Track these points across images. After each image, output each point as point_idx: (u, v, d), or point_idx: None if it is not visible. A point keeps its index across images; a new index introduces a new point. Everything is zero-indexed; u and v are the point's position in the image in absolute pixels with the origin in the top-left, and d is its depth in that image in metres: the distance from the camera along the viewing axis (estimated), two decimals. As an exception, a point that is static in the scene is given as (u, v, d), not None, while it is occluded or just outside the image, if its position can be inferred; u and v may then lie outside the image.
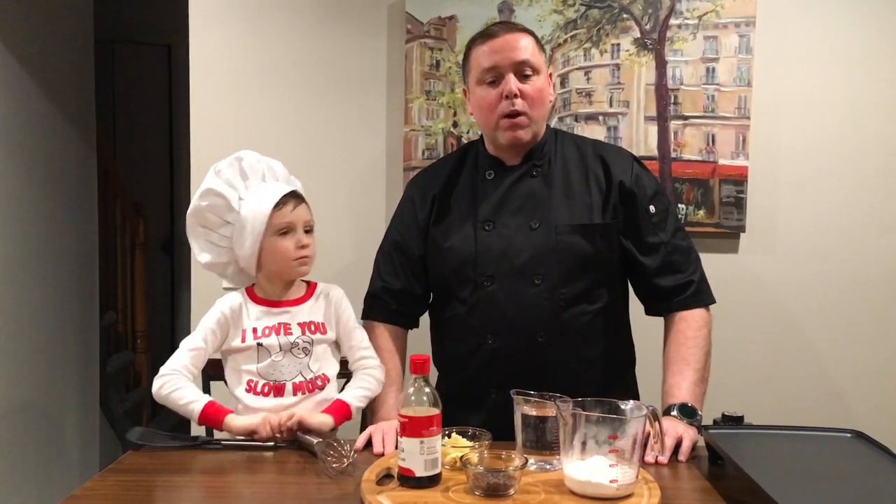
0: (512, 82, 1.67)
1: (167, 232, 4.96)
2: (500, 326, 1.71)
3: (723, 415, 1.59)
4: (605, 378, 1.42)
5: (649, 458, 1.47)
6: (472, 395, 1.75)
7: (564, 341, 1.70)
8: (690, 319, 1.74)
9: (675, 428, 1.55)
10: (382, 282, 1.85)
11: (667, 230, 1.76)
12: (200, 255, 1.74)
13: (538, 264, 1.70)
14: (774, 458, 1.41)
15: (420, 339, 1.91)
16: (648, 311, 1.81)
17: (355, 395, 1.69)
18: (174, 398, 1.62)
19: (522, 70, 1.69)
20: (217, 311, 1.70)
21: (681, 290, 1.74)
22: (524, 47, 1.69)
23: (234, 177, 1.70)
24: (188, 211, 1.72)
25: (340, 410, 1.65)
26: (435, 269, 1.81)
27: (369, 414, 1.79)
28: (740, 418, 1.58)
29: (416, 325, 1.90)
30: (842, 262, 2.36)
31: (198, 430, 2.10)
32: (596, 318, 1.73)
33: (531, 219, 1.72)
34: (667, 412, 1.63)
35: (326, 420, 1.62)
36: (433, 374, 1.85)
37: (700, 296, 1.76)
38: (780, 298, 2.37)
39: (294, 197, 1.70)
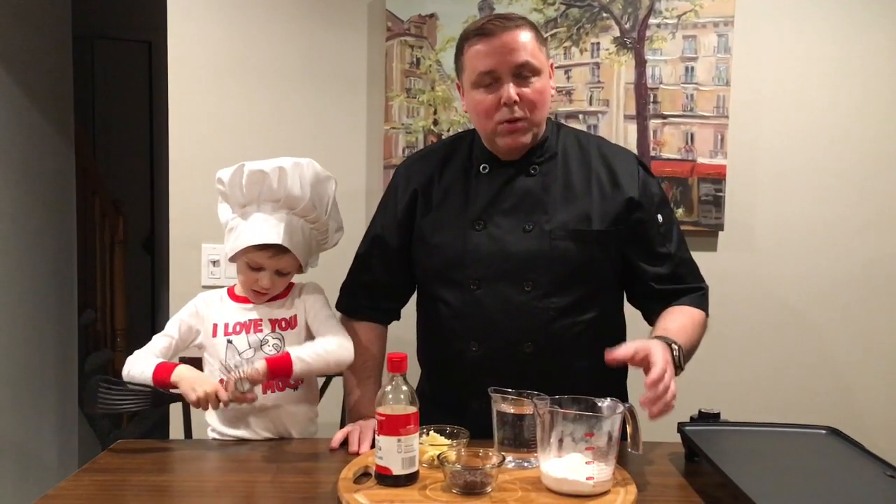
0: (511, 90, 1.56)
1: (147, 229, 4.93)
2: (485, 333, 1.64)
3: (699, 412, 1.60)
4: (596, 391, 1.38)
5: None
6: (453, 402, 1.69)
7: (553, 352, 1.63)
8: (689, 308, 1.67)
9: (648, 344, 1.43)
10: (359, 275, 1.80)
11: (673, 241, 1.69)
12: (219, 207, 1.73)
13: (529, 269, 1.62)
14: (750, 454, 1.42)
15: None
16: (648, 318, 1.73)
17: (300, 350, 1.61)
18: (134, 374, 1.61)
19: (522, 73, 1.57)
20: (192, 305, 1.71)
21: (685, 293, 1.69)
22: (523, 47, 1.56)
23: (248, 187, 1.64)
24: None
25: (278, 360, 1.57)
26: (421, 264, 1.74)
27: (346, 406, 1.77)
28: (717, 415, 1.59)
29: (397, 318, 1.86)
30: (820, 259, 2.38)
31: (178, 430, 2.09)
32: (588, 328, 1.65)
33: (525, 220, 1.64)
34: None
35: (260, 365, 1.55)
36: (418, 371, 1.83)
37: (704, 300, 1.71)
38: (758, 296, 2.39)
39: (276, 247, 1.63)
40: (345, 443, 1.58)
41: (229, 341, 1.65)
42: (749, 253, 2.38)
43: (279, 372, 1.57)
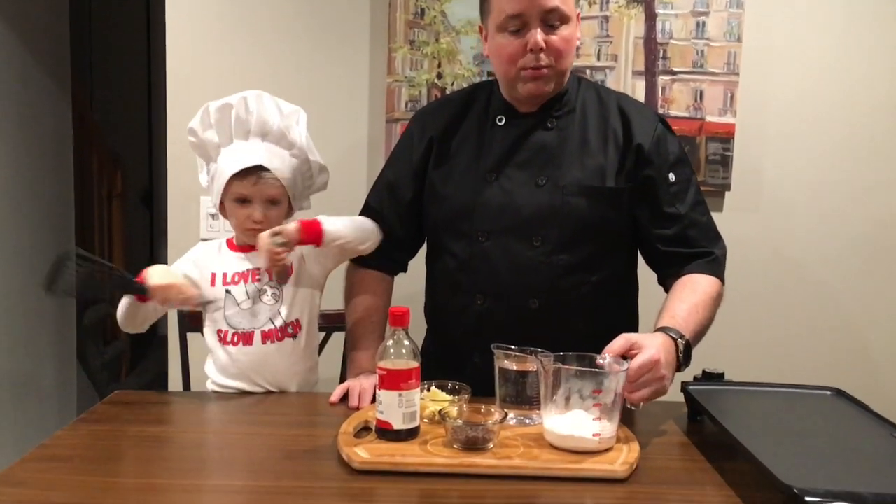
0: (539, 36, 1.51)
1: (146, 183, 4.88)
2: (491, 287, 1.62)
3: (703, 371, 1.58)
4: (602, 349, 1.36)
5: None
6: (456, 357, 1.67)
7: (559, 311, 1.60)
8: (702, 279, 1.59)
9: (644, 341, 1.37)
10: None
11: (686, 202, 1.62)
12: (200, 174, 1.73)
13: (539, 224, 1.59)
14: (754, 414, 1.41)
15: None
16: (661, 282, 1.69)
17: (333, 219, 1.63)
18: (121, 308, 1.59)
19: (550, 19, 1.52)
20: (190, 255, 1.70)
21: (696, 257, 1.62)
22: None
23: (218, 124, 1.64)
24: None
25: (310, 221, 1.59)
26: (430, 215, 1.71)
27: (348, 359, 1.75)
28: (720, 375, 1.57)
29: (404, 270, 1.83)
30: (829, 219, 2.35)
31: (177, 383, 2.08)
32: (597, 289, 1.62)
33: (538, 174, 1.60)
34: None
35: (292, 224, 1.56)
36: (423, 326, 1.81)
37: (716, 266, 1.63)
38: (765, 257, 2.36)
39: (262, 170, 1.60)
40: (345, 397, 1.56)
41: (228, 291, 1.63)
42: (756, 213, 2.35)
43: (310, 231, 1.57)
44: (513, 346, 1.43)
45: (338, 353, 1.90)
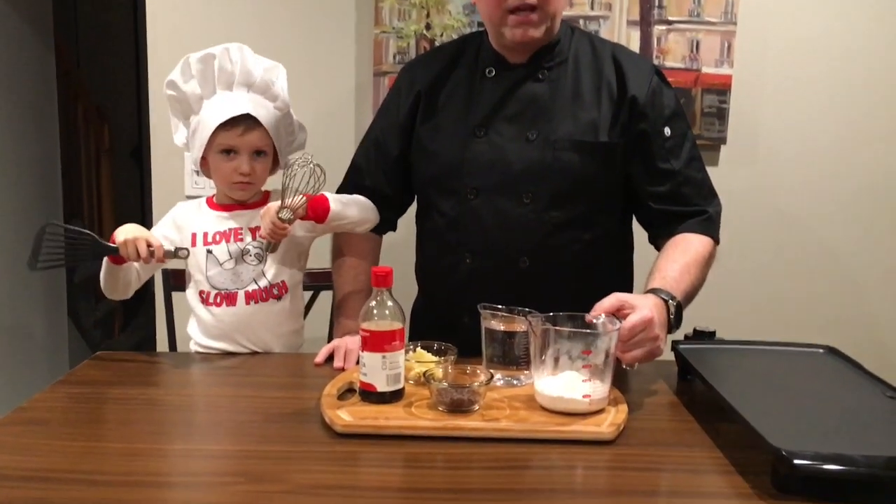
0: None
1: (135, 138, 4.81)
2: (480, 245, 1.58)
3: (694, 330, 1.55)
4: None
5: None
6: (446, 317, 1.64)
7: (550, 270, 1.56)
8: (695, 239, 1.55)
9: (635, 301, 1.33)
10: (356, 180, 1.72)
11: (680, 158, 1.57)
12: (176, 134, 1.68)
13: (529, 181, 1.54)
14: (745, 373, 1.39)
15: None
16: (653, 242, 1.66)
17: (340, 198, 1.60)
18: (102, 273, 1.58)
19: None
20: (169, 216, 1.66)
21: (690, 216, 1.58)
22: None
23: (200, 75, 1.59)
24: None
25: (318, 201, 1.52)
26: (419, 172, 1.67)
27: (334, 319, 1.73)
28: (712, 333, 1.55)
29: (393, 229, 1.79)
30: (827, 173, 2.31)
31: (163, 342, 2.06)
32: (589, 248, 1.58)
33: (528, 129, 1.55)
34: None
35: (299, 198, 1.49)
36: (413, 286, 1.78)
37: (710, 226, 1.58)
38: (761, 213, 2.32)
39: (248, 119, 1.56)
40: (330, 358, 1.54)
41: (209, 251, 1.59)
42: (752, 167, 2.31)
43: (318, 209, 1.53)
44: (500, 306, 1.40)
45: (325, 313, 1.87)
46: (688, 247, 1.54)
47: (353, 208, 1.61)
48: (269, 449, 1.15)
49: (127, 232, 1.49)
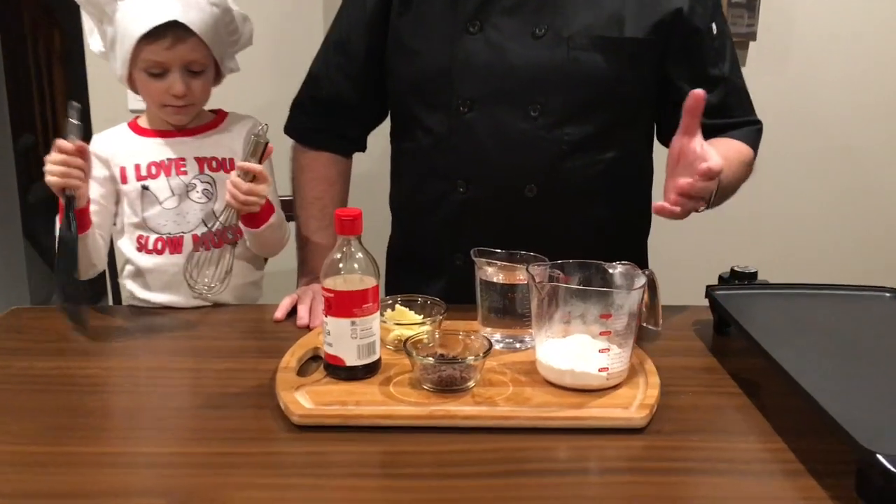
0: None
1: (91, 42, 4.41)
2: (476, 171, 1.32)
3: (731, 270, 1.30)
4: (611, 250, 1.08)
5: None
6: (431, 259, 1.40)
7: (563, 199, 1.31)
8: (737, 142, 1.33)
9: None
10: (316, 89, 1.43)
11: (727, 60, 1.31)
12: (91, 38, 1.36)
13: (538, 89, 1.27)
14: (795, 324, 1.14)
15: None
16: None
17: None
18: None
19: None
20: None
21: (731, 127, 1.34)
22: None
23: None
24: None
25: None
26: (396, 76, 1.37)
27: (298, 261, 1.46)
28: (753, 275, 1.29)
29: (362, 149, 1.50)
30: (870, 76, 2.03)
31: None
32: (609, 170, 1.31)
33: (535, 23, 1.26)
34: None
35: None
36: (386, 219, 1.50)
37: (756, 138, 1.36)
38: (794, 120, 2.03)
39: (177, 28, 1.24)
40: (293, 312, 1.28)
41: (144, 187, 1.31)
42: (784, 66, 2.01)
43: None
44: (499, 251, 1.13)
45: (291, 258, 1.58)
46: (730, 143, 1.31)
47: (280, 221, 1.36)
48: (204, 452, 0.89)
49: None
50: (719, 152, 1.16)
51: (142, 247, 1.32)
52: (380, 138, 1.48)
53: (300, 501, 0.81)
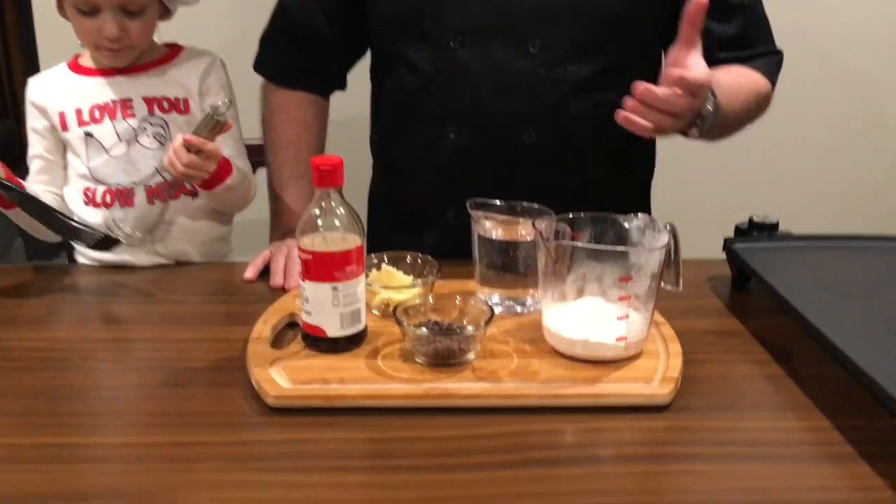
0: None
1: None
2: (468, 115, 1.19)
3: (750, 220, 1.17)
4: (615, 199, 0.97)
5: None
6: (420, 211, 1.27)
7: (565, 144, 1.19)
8: (754, 73, 1.20)
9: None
10: (286, 21, 1.29)
11: None
12: None
13: (539, 22, 1.15)
14: (828, 281, 1.02)
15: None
16: None
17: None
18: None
19: None
20: (26, 104, 1.20)
21: (750, 59, 1.21)
22: None
23: None
24: None
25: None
26: (378, 9, 1.24)
27: (271, 213, 1.32)
28: (774, 226, 1.17)
29: (342, 87, 1.36)
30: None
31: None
32: (612, 113, 1.20)
33: None
34: None
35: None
36: (366, 165, 1.36)
37: (776, 68, 1.23)
38: (812, 55, 1.86)
39: None
40: (266, 271, 1.15)
41: (88, 134, 1.15)
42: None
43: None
44: (498, 202, 1.01)
45: (264, 204, 1.44)
46: (742, 71, 1.19)
47: (242, 176, 1.21)
48: (163, 442, 0.77)
49: None
50: (722, 77, 1.05)
51: (89, 200, 1.17)
52: (362, 76, 1.33)
53: (274, 502, 0.69)
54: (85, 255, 1.21)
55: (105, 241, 1.07)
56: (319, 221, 0.88)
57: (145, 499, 0.69)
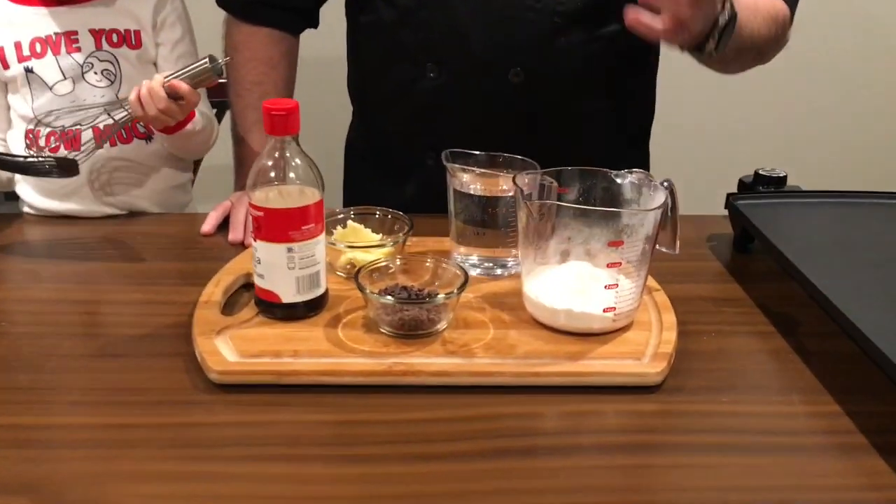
0: None
1: None
2: (450, 51, 1.09)
3: (755, 173, 1.08)
4: (610, 147, 0.87)
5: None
6: (399, 157, 1.17)
7: (555, 84, 1.09)
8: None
9: None
10: None
11: None
12: None
13: None
14: (841, 243, 0.94)
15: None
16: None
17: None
18: None
19: None
20: None
21: None
22: None
23: None
24: None
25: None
26: None
27: (234, 159, 1.22)
28: (782, 179, 1.07)
29: (314, 25, 1.23)
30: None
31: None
32: (610, 49, 1.08)
33: None
34: None
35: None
36: (345, 109, 1.25)
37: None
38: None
39: None
40: (225, 225, 1.05)
41: (28, 70, 1.04)
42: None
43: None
44: (477, 153, 0.90)
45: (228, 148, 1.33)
46: None
47: (206, 120, 1.12)
48: (87, 423, 0.68)
49: None
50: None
51: (32, 143, 1.07)
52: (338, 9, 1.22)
53: (210, 500, 0.60)
54: (31, 205, 1.11)
55: (63, 167, 0.96)
56: (272, 173, 0.78)
57: (58, 493, 0.60)
